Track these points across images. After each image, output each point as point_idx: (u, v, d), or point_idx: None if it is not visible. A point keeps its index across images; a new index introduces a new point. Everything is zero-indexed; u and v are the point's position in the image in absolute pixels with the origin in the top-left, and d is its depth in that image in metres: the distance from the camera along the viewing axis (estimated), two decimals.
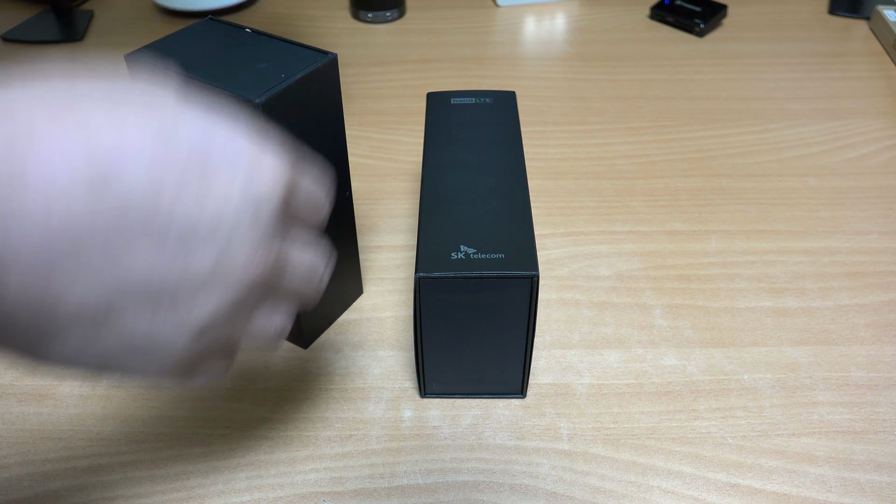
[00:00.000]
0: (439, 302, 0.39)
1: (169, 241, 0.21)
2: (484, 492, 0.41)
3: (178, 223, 0.21)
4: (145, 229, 0.21)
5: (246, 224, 0.23)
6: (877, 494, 0.40)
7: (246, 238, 0.23)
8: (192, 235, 0.22)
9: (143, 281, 0.22)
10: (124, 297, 0.22)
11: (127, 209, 0.20)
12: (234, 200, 0.22)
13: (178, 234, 0.22)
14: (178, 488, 0.41)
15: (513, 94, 0.51)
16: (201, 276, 0.23)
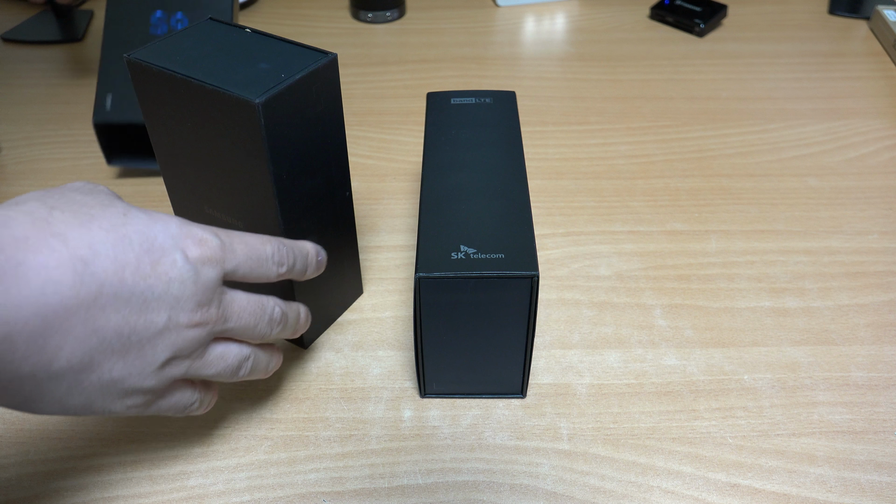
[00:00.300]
0: (439, 302, 0.39)
1: (132, 304, 0.30)
2: (484, 492, 0.41)
3: (137, 291, 0.30)
4: (114, 299, 0.29)
5: (187, 289, 0.31)
6: (877, 494, 0.40)
7: (189, 300, 0.31)
8: (148, 298, 0.30)
9: (115, 336, 0.29)
10: (101, 350, 0.29)
11: (101, 285, 0.28)
12: (176, 270, 0.31)
13: (138, 299, 0.30)
14: (178, 488, 0.41)
15: (513, 94, 0.51)
16: (158, 326, 0.31)
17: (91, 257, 0.28)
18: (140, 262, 0.30)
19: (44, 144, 0.67)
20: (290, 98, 0.38)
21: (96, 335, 0.29)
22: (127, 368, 0.31)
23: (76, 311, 0.28)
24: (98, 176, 0.63)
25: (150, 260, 0.30)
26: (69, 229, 0.28)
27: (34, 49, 0.82)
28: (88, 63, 0.80)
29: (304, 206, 0.42)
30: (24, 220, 0.27)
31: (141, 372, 0.31)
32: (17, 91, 0.75)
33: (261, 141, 0.37)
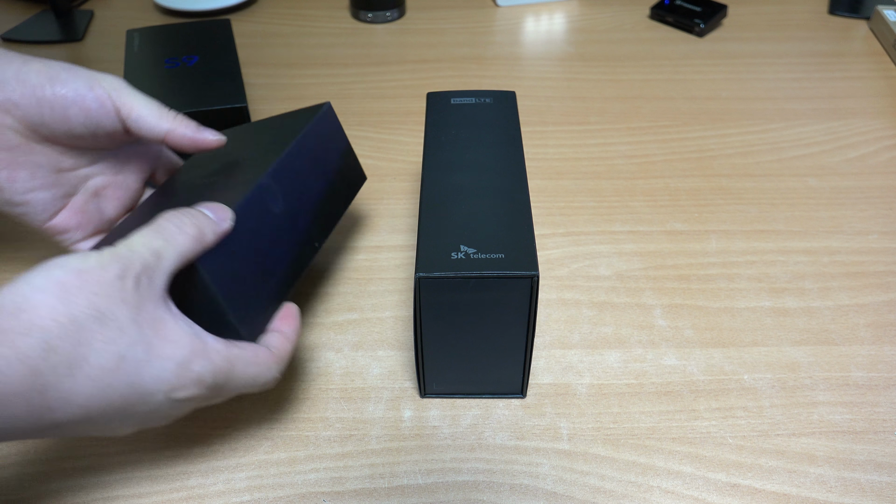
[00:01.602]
0: (439, 302, 0.39)
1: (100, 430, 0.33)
2: (484, 492, 0.41)
3: (107, 432, 0.33)
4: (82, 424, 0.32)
5: (159, 414, 0.34)
6: (877, 494, 0.40)
7: (160, 417, 0.34)
8: (116, 424, 0.33)
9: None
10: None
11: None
12: (147, 411, 0.33)
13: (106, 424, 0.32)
14: (178, 488, 0.41)
15: (513, 94, 0.51)
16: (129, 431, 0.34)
17: (59, 407, 0.30)
18: (111, 406, 0.31)
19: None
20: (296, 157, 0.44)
21: (46, 436, 0.32)
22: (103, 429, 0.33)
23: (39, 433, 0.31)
24: None
25: (124, 403, 0.32)
26: (55, 381, 0.29)
27: (34, 49, 0.82)
28: (88, 63, 0.80)
29: None
30: (17, 368, 0.29)
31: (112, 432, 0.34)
32: None
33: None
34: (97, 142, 0.44)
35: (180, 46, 0.67)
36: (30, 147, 0.42)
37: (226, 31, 0.70)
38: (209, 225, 0.36)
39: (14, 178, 0.42)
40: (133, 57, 0.66)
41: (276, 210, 0.42)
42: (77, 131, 0.42)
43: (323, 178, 0.47)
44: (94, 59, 0.81)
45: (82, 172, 0.45)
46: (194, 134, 0.43)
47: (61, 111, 0.41)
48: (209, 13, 0.89)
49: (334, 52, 0.81)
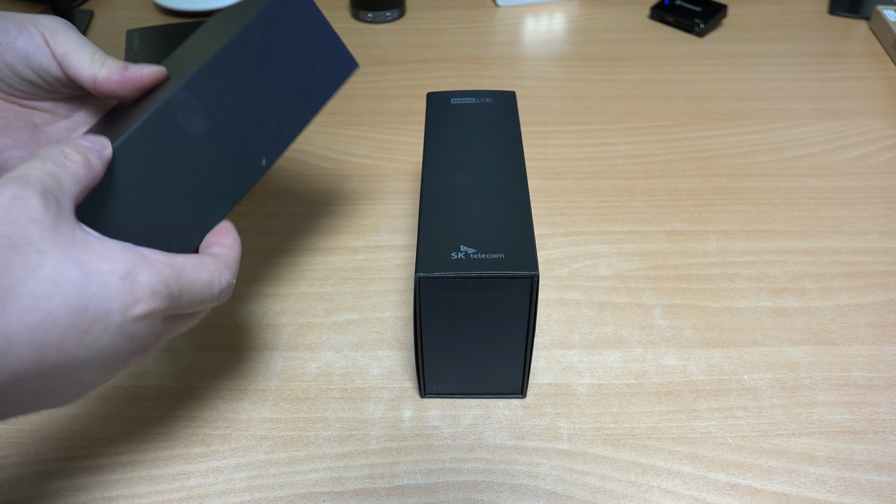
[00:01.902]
0: (439, 302, 0.39)
1: (55, 373, 0.28)
2: (484, 492, 0.41)
3: (60, 364, 0.28)
4: (32, 377, 0.28)
5: (122, 346, 0.30)
6: (877, 494, 0.40)
7: (124, 352, 0.30)
8: (73, 367, 0.29)
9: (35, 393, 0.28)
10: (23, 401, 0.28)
11: (15, 373, 0.27)
12: (108, 336, 0.29)
13: (62, 369, 0.28)
14: (178, 488, 0.41)
15: (513, 94, 0.51)
16: (87, 382, 0.30)
17: (5, 350, 0.26)
18: (65, 338, 0.28)
19: None
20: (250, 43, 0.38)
21: (15, 403, 0.28)
22: (56, 397, 0.30)
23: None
24: None
25: (77, 332, 0.28)
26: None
27: None
28: None
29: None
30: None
31: (77, 391, 0.30)
32: None
33: None
34: (56, 88, 0.41)
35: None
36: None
37: None
38: (91, 152, 0.33)
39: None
40: (133, 57, 0.66)
41: (193, 129, 0.37)
42: (26, 76, 0.39)
43: (280, 75, 0.40)
44: None
45: (61, 125, 0.42)
46: (121, 75, 0.38)
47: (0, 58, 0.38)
48: (209, 13, 0.89)
49: None
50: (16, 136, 0.40)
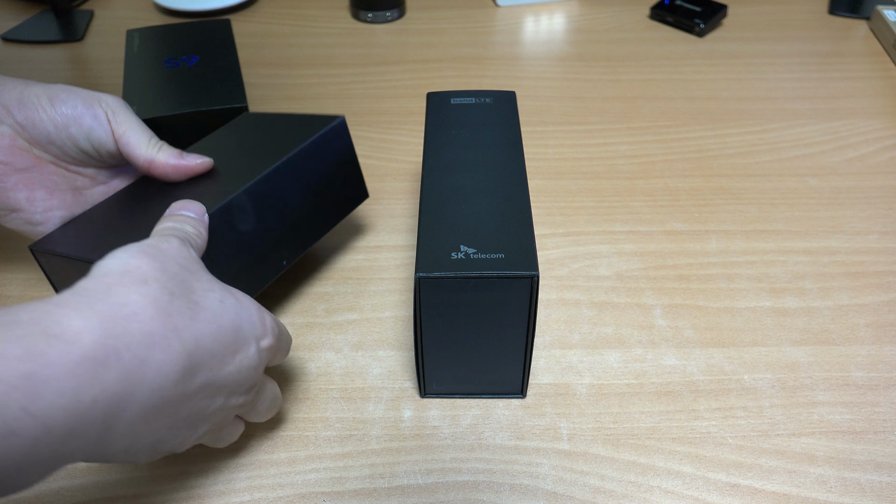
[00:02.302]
0: (439, 302, 0.39)
1: (208, 390, 0.32)
2: (484, 492, 0.41)
3: (215, 378, 0.32)
4: (200, 387, 0.32)
5: (250, 375, 0.35)
6: (877, 494, 0.40)
7: (247, 384, 0.35)
8: (220, 385, 0.33)
9: (185, 416, 0.32)
10: (168, 426, 0.31)
11: (194, 376, 0.31)
12: (248, 360, 0.34)
13: (213, 386, 0.33)
14: (178, 488, 0.41)
15: (513, 95, 0.51)
16: (214, 408, 0.34)
17: (195, 352, 0.31)
18: (226, 353, 0.33)
19: None
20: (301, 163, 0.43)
21: (174, 416, 0.31)
22: (172, 437, 0.33)
23: (170, 402, 0.30)
24: None
25: (233, 349, 0.33)
26: (184, 325, 0.31)
27: (34, 49, 0.82)
28: (88, 63, 0.80)
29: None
30: (151, 311, 0.30)
31: (181, 441, 0.34)
32: None
33: None
34: (105, 160, 0.46)
35: (180, 46, 0.67)
36: (44, 167, 0.44)
37: (226, 31, 0.70)
38: (200, 224, 0.39)
39: (33, 198, 0.44)
40: (133, 57, 0.66)
41: (242, 228, 0.42)
42: (83, 147, 0.44)
43: (313, 195, 0.46)
44: (94, 59, 0.81)
45: (98, 190, 0.47)
46: (177, 161, 0.45)
47: (64, 129, 0.43)
48: (209, 13, 0.89)
49: (334, 52, 0.81)
50: (60, 197, 0.45)
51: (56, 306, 0.27)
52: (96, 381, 0.26)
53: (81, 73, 0.79)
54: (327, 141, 0.47)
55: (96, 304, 0.28)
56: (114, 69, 0.78)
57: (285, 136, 0.47)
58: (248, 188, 0.42)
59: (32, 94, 0.42)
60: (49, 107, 0.42)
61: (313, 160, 0.46)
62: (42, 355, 0.25)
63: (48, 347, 0.25)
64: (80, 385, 0.26)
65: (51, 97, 0.42)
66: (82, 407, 0.26)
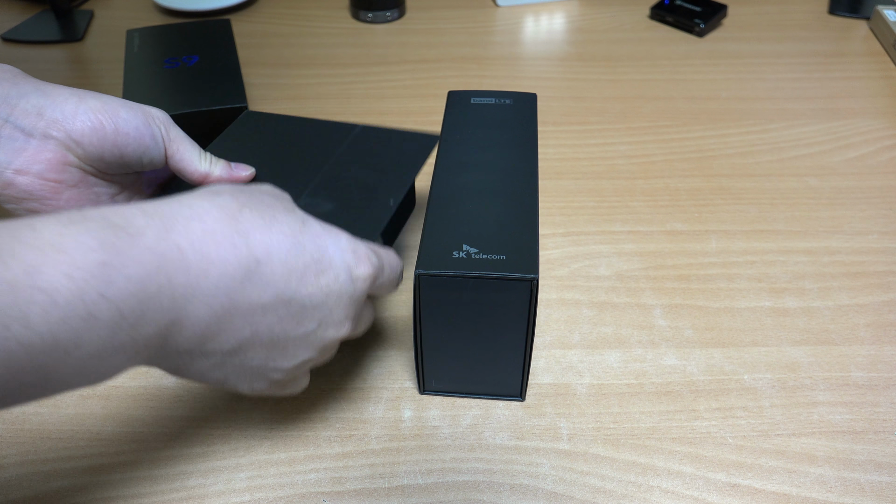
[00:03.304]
0: (438, 299, 0.39)
1: (290, 308, 0.32)
2: (484, 492, 0.41)
3: (298, 297, 0.32)
4: (275, 300, 0.32)
5: (342, 303, 0.34)
6: (877, 494, 0.40)
7: (340, 312, 0.34)
8: (306, 306, 0.33)
9: (267, 333, 0.32)
10: (251, 344, 0.32)
11: (267, 285, 0.31)
12: (337, 284, 0.34)
13: (297, 305, 0.32)
14: (178, 488, 0.41)
15: (533, 97, 0.51)
16: (305, 336, 0.34)
17: (265, 259, 0.31)
18: (307, 271, 0.32)
19: None
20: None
21: (251, 328, 0.32)
22: (267, 360, 0.34)
23: (240, 307, 0.31)
24: None
25: (316, 270, 0.33)
26: (253, 229, 0.31)
27: (34, 49, 0.83)
28: (88, 63, 0.80)
29: None
30: (216, 214, 0.31)
31: (277, 367, 0.34)
32: None
33: None
34: (143, 170, 0.46)
35: (180, 46, 0.67)
36: (89, 181, 0.43)
37: (226, 31, 0.70)
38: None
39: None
40: (133, 57, 0.66)
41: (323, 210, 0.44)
42: (130, 164, 0.43)
43: (405, 213, 0.49)
44: (94, 60, 0.81)
45: (123, 196, 0.47)
46: (230, 175, 0.46)
47: (122, 147, 0.42)
48: (209, 13, 0.89)
49: (334, 52, 0.81)
50: (85, 205, 0.44)
51: (127, 208, 0.30)
52: (161, 270, 0.28)
53: (81, 73, 0.79)
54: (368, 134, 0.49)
55: (162, 206, 0.30)
56: (114, 69, 0.78)
57: (397, 155, 0.47)
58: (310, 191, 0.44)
59: (90, 111, 0.40)
60: (110, 125, 0.41)
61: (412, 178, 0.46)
62: (113, 246, 0.27)
63: (117, 239, 0.28)
64: (147, 273, 0.28)
65: (111, 115, 0.41)
66: (149, 293, 0.28)
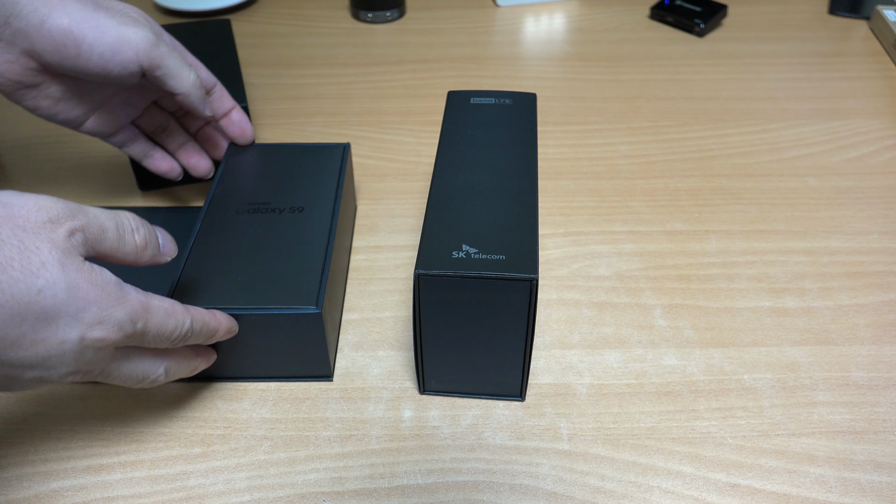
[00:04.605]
0: (438, 299, 0.39)
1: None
2: (484, 492, 0.41)
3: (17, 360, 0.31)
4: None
5: (69, 359, 0.32)
6: (877, 494, 0.40)
7: (67, 365, 0.33)
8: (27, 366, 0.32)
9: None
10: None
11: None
12: (65, 347, 0.32)
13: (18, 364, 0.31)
14: (178, 488, 0.41)
15: (533, 97, 0.51)
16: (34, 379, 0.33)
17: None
18: (29, 339, 0.31)
19: (43, 145, 0.67)
20: None
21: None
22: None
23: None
24: (101, 175, 0.63)
25: (39, 339, 0.31)
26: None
27: None
28: None
29: None
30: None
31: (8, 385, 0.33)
32: None
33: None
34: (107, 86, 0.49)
35: None
36: (52, 87, 0.46)
37: (226, 31, 0.70)
38: (152, 252, 0.37)
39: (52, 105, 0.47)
40: None
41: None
42: (97, 82, 0.47)
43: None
44: None
45: (103, 94, 0.49)
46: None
47: (84, 68, 0.44)
48: (209, 13, 0.89)
49: (334, 52, 0.81)
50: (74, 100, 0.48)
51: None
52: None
53: None
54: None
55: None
56: None
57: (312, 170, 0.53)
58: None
59: (54, 29, 0.42)
60: (73, 49, 0.42)
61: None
62: None
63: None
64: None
65: (76, 40, 0.42)
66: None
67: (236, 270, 0.44)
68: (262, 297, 0.43)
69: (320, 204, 0.49)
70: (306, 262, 0.45)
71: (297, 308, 0.42)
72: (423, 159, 0.65)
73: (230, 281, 0.44)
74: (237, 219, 0.48)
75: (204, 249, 0.46)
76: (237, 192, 0.50)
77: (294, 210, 0.49)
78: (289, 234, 0.47)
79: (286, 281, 0.44)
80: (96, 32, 0.42)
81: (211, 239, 0.46)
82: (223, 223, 0.48)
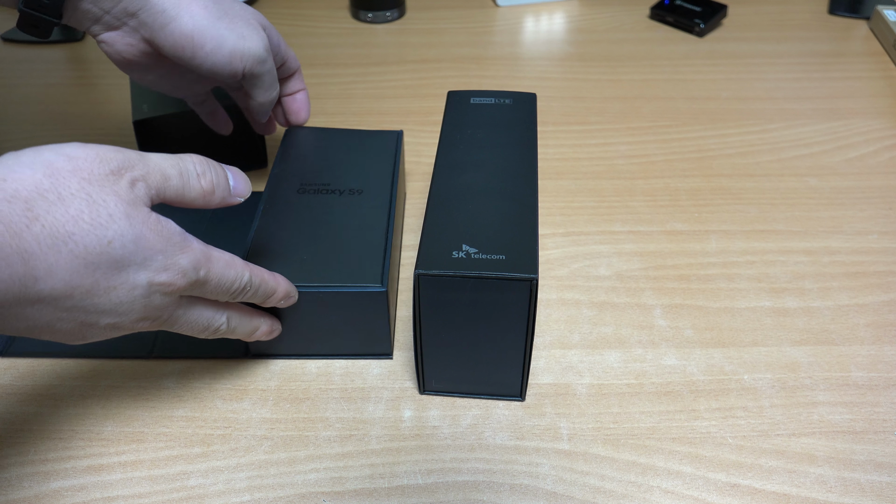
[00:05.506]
0: (438, 300, 0.39)
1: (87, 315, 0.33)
2: (484, 492, 0.41)
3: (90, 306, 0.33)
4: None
5: (139, 304, 0.34)
6: (877, 494, 0.40)
7: (137, 311, 0.34)
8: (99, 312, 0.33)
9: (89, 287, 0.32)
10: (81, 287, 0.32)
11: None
12: (135, 293, 0.33)
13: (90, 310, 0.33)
14: (178, 488, 0.41)
15: (533, 97, 0.51)
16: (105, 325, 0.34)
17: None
18: (103, 287, 0.32)
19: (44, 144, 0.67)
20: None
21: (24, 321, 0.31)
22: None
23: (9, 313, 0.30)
24: None
25: (112, 285, 0.33)
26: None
27: (34, 49, 0.83)
28: (88, 63, 0.80)
29: None
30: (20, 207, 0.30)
31: (67, 336, 0.34)
32: (17, 91, 0.75)
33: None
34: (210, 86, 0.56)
35: None
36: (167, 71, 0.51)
37: None
38: (222, 195, 0.38)
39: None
40: None
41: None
42: (204, 81, 0.54)
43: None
44: (94, 60, 0.81)
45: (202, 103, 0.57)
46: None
47: (195, 70, 0.47)
48: None
49: (334, 52, 0.81)
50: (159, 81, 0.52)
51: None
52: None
53: (82, 73, 0.79)
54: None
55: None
56: (114, 69, 0.78)
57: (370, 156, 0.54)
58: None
59: (175, 33, 0.45)
60: (189, 53, 0.45)
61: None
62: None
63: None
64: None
65: (194, 48, 0.45)
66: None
67: (301, 249, 0.45)
68: (328, 275, 0.43)
69: (377, 187, 0.50)
70: (368, 243, 0.45)
71: (363, 286, 0.43)
72: (422, 159, 0.65)
73: (295, 259, 0.44)
74: (299, 199, 0.49)
75: (267, 229, 0.46)
76: (296, 174, 0.51)
77: (353, 192, 0.49)
78: (349, 215, 0.47)
79: (350, 260, 0.44)
80: (214, 44, 0.45)
81: (274, 219, 0.47)
82: (285, 203, 0.48)
